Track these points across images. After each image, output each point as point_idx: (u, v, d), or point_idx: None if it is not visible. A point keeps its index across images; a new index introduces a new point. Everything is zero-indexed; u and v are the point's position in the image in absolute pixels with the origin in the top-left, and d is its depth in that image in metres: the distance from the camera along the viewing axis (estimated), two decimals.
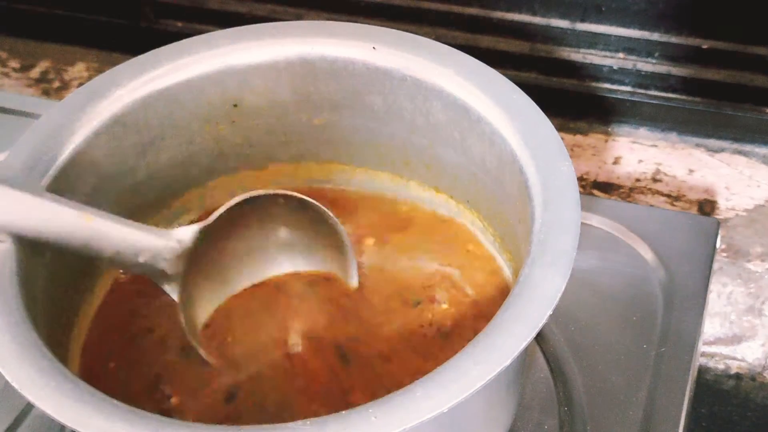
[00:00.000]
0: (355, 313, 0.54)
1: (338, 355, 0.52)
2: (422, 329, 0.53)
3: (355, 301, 0.55)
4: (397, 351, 0.52)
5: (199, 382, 0.52)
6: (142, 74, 0.56)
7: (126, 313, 0.56)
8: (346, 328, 0.54)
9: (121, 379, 0.52)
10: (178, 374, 0.52)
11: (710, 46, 0.79)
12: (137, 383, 0.52)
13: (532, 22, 0.82)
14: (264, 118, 0.60)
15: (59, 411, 0.41)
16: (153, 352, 0.53)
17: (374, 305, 0.54)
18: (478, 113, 0.53)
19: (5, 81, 0.91)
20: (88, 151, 0.54)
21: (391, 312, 0.54)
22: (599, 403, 0.57)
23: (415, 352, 0.52)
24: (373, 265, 0.57)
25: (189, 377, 0.52)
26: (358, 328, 0.54)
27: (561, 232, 0.46)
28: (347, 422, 0.40)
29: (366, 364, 0.52)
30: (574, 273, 0.45)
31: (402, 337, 0.53)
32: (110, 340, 0.54)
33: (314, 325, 0.54)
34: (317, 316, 0.54)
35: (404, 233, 0.59)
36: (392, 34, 0.57)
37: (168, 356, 0.53)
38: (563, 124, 0.83)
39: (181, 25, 0.90)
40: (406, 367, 0.51)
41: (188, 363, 0.53)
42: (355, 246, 0.57)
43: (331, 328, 0.54)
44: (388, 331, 0.53)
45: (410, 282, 0.56)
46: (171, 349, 0.54)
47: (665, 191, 0.77)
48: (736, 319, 0.70)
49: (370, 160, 0.61)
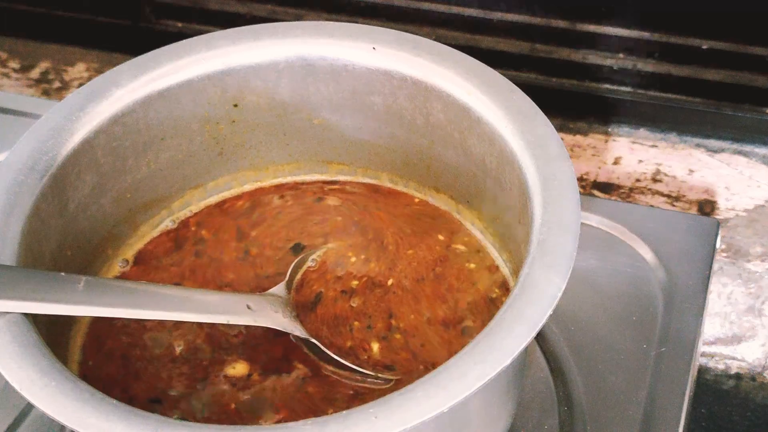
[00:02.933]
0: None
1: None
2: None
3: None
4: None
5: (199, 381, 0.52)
6: (142, 74, 0.56)
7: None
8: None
9: (121, 378, 0.52)
10: (179, 373, 0.52)
11: (710, 46, 0.79)
12: (137, 383, 0.52)
13: (532, 23, 0.82)
14: (264, 118, 0.60)
15: (59, 411, 0.41)
16: (153, 352, 0.53)
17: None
18: (478, 113, 0.53)
19: (5, 81, 0.91)
20: (88, 151, 0.54)
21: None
22: (599, 403, 0.57)
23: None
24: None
25: (189, 375, 0.52)
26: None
27: (561, 232, 0.46)
28: (348, 422, 0.40)
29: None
30: (574, 273, 0.45)
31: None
32: (110, 340, 0.54)
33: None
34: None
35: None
36: (392, 35, 0.57)
37: (168, 356, 0.53)
38: (563, 125, 0.83)
39: (181, 26, 0.90)
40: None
41: (188, 362, 0.53)
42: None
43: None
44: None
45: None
46: (171, 349, 0.54)
47: (665, 191, 0.77)
48: (736, 319, 0.70)
49: (370, 160, 0.61)
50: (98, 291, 0.47)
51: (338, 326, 0.54)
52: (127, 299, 0.47)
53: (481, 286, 0.56)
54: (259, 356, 0.53)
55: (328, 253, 0.58)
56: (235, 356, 0.53)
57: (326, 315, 0.55)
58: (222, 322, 0.50)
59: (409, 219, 0.60)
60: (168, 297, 0.49)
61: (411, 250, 0.58)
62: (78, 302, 0.45)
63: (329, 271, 0.57)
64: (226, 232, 0.60)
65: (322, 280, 0.57)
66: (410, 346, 0.53)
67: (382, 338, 0.54)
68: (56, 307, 0.45)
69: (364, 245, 0.58)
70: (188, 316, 0.49)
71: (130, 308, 0.47)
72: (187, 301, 0.49)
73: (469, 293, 0.55)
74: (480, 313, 0.54)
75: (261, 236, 0.59)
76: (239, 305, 0.51)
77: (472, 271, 0.57)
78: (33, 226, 0.49)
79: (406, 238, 0.58)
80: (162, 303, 0.48)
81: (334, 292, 0.56)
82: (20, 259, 0.47)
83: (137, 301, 0.47)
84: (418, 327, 0.54)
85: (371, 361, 0.52)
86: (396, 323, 0.54)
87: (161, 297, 0.48)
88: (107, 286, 0.49)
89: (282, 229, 0.60)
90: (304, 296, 0.56)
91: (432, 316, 0.54)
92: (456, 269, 0.57)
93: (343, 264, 0.57)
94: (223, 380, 0.52)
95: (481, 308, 0.55)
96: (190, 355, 0.53)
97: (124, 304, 0.47)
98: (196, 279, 0.57)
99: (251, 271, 0.58)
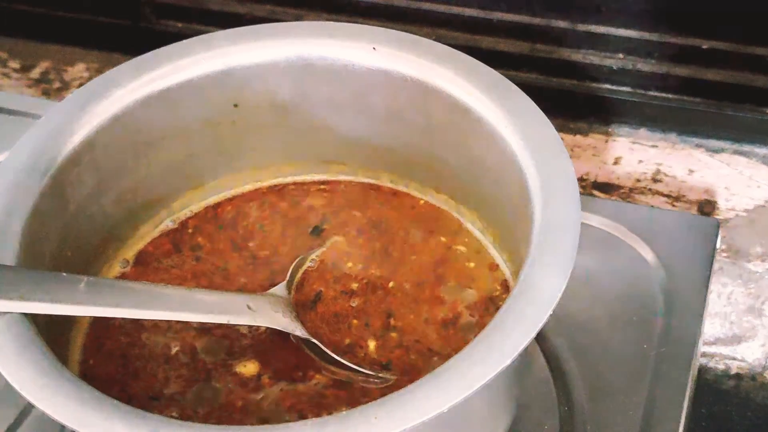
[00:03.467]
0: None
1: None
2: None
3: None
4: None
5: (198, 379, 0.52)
6: (142, 75, 0.56)
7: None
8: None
9: (121, 378, 0.52)
10: (179, 373, 0.52)
11: (710, 47, 0.79)
12: (137, 383, 0.52)
13: (533, 23, 0.82)
14: (264, 118, 0.60)
15: (59, 411, 0.41)
16: (153, 352, 0.53)
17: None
18: (478, 114, 0.53)
19: (5, 81, 0.91)
20: (88, 151, 0.54)
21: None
22: (599, 403, 0.57)
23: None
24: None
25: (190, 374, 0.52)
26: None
27: (561, 232, 0.46)
28: (348, 422, 0.40)
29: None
30: (574, 273, 0.45)
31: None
32: (110, 339, 0.54)
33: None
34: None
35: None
36: (392, 35, 0.57)
37: (168, 355, 0.53)
38: (563, 125, 0.83)
39: (181, 26, 0.90)
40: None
41: (188, 361, 0.53)
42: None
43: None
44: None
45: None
46: (171, 348, 0.54)
47: (665, 192, 0.77)
48: (736, 319, 0.70)
49: (370, 160, 0.61)
50: (99, 291, 0.47)
51: (338, 324, 0.54)
52: (127, 299, 0.47)
53: (481, 286, 0.56)
54: (270, 360, 0.53)
55: (327, 253, 0.58)
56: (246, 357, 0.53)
57: (326, 313, 0.55)
58: (222, 322, 0.50)
59: (410, 219, 0.60)
60: (169, 297, 0.49)
61: (411, 250, 0.58)
62: (79, 302, 0.45)
63: (328, 271, 0.57)
64: (226, 233, 0.60)
65: (322, 279, 0.57)
66: (404, 343, 0.53)
67: (379, 336, 0.54)
68: (57, 307, 0.45)
69: (364, 245, 0.58)
70: (189, 316, 0.49)
71: (130, 308, 0.47)
72: (187, 301, 0.49)
73: (469, 293, 0.55)
74: (480, 312, 0.54)
75: (261, 237, 0.59)
76: (239, 305, 0.51)
77: (472, 270, 0.57)
78: (33, 227, 0.49)
79: (407, 238, 0.58)
80: (163, 303, 0.48)
81: (334, 292, 0.56)
82: (20, 259, 0.47)
83: (138, 300, 0.47)
84: (416, 327, 0.54)
85: (368, 358, 0.52)
86: (395, 323, 0.54)
87: (162, 297, 0.48)
88: (108, 285, 0.49)
89: (282, 230, 0.60)
90: (304, 295, 0.56)
91: (430, 316, 0.54)
92: (456, 269, 0.57)
93: (342, 264, 0.57)
94: (231, 380, 0.52)
95: (481, 308, 0.55)
96: (189, 358, 0.53)
97: (125, 304, 0.47)
98: (197, 280, 0.57)
99: (252, 271, 0.58)
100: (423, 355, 0.53)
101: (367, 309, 0.55)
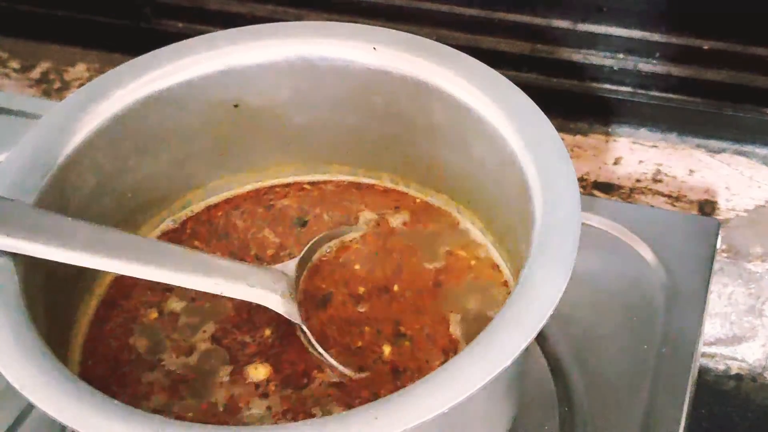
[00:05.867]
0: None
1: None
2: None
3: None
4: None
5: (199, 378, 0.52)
6: (143, 75, 0.56)
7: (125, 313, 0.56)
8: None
9: (121, 378, 0.52)
10: (179, 371, 0.52)
11: (711, 47, 0.79)
12: (137, 383, 0.52)
13: (533, 23, 0.82)
14: (264, 118, 0.60)
15: (59, 411, 0.41)
16: (153, 352, 0.53)
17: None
18: (479, 114, 0.53)
19: (5, 81, 0.92)
20: (88, 151, 0.54)
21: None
22: (599, 403, 0.57)
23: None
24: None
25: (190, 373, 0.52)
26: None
27: (561, 232, 0.46)
28: (347, 422, 0.40)
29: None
30: (575, 273, 0.45)
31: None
32: (110, 339, 0.54)
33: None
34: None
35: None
36: (392, 35, 0.57)
37: (168, 355, 0.53)
38: (563, 125, 0.83)
39: (181, 26, 0.90)
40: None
41: (188, 360, 0.53)
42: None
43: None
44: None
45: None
46: (171, 348, 0.54)
47: (665, 192, 0.77)
48: (736, 319, 0.70)
49: (370, 160, 0.61)
50: (97, 240, 0.47)
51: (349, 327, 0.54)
52: (123, 251, 0.47)
53: (481, 286, 0.56)
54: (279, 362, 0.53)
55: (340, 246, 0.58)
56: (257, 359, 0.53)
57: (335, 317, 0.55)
58: (216, 292, 0.49)
59: (410, 219, 0.60)
60: (167, 252, 0.49)
61: (412, 250, 0.58)
62: (77, 249, 0.46)
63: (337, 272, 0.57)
64: (226, 233, 0.60)
65: (331, 280, 0.57)
66: (405, 343, 0.53)
67: (377, 334, 0.54)
68: (52, 251, 0.46)
69: (368, 246, 0.58)
70: (180, 278, 0.48)
71: (124, 261, 0.47)
72: (183, 259, 0.49)
73: (469, 293, 0.55)
74: (480, 313, 0.54)
75: (262, 237, 0.59)
76: (237, 273, 0.50)
77: (472, 270, 0.57)
78: None
79: (407, 238, 0.58)
80: (159, 259, 0.48)
81: (343, 296, 0.56)
82: (20, 260, 0.47)
83: (131, 254, 0.48)
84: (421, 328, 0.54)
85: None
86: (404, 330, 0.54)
87: (160, 252, 0.49)
88: (107, 233, 0.49)
89: (283, 229, 0.60)
90: (310, 293, 0.56)
91: (429, 316, 0.54)
92: (456, 269, 0.57)
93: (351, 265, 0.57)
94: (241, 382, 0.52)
95: (481, 308, 0.55)
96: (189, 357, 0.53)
97: (119, 256, 0.47)
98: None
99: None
100: (427, 353, 0.53)
101: (373, 313, 0.55)
